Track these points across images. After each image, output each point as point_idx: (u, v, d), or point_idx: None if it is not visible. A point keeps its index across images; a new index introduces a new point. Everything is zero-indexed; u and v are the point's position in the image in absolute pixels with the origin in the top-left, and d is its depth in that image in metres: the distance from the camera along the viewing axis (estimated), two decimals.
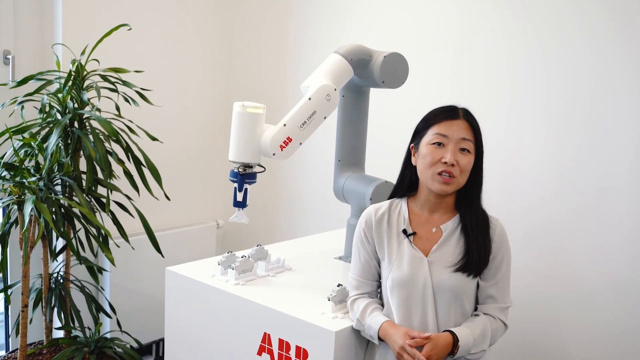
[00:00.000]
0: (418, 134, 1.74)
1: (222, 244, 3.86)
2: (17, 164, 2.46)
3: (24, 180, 2.40)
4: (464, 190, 1.73)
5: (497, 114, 2.74)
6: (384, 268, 1.76)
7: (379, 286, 1.82)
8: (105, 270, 2.84)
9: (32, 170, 2.47)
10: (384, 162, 3.05)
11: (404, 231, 1.74)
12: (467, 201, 1.73)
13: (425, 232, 1.74)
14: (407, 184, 1.80)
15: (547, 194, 2.62)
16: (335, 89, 2.06)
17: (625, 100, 2.42)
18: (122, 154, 2.77)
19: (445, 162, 1.64)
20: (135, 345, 2.89)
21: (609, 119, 2.46)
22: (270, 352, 1.84)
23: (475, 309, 1.75)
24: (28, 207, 2.25)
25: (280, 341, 1.81)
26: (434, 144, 1.68)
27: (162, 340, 3.43)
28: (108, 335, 3.04)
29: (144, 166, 2.65)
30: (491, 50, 2.75)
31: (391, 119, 3.07)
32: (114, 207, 2.68)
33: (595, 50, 2.48)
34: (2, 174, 2.45)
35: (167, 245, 3.31)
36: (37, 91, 2.51)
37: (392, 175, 2.52)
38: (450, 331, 1.64)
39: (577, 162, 2.54)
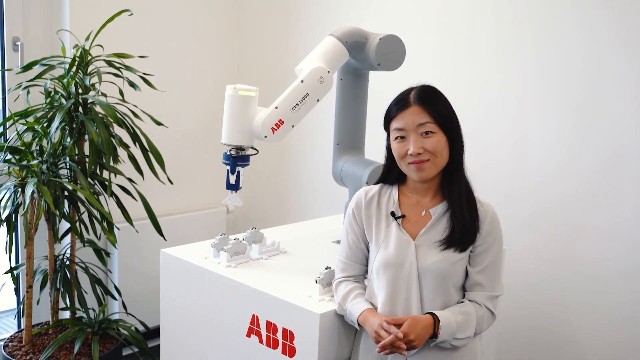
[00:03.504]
0: (386, 131, 1.74)
1: (232, 228, 3.88)
2: (22, 148, 2.50)
3: (28, 164, 2.44)
4: (445, 170, 1.69)
5: (502, 94, 2.72)
6: (371, 250, 1.75)
7: (366, 271, 1.80)
8: (107, 252, 2.87)
9: (35, 154, 2.51)
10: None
11: (392, 214, 1.72)
12: (449, 178, 1.69)
13: (414, 215, 1.71)
14: (395, 174, 1.77)
15: (552, 173, 2.60)
16: (328, 72, 2.04)
17: (627, 73, 2.38)
18: (127, 138, 2.80)
19: (412, 154, 1.63)
20: (140, 327, 2.93)
21: (611, 94, 2.43)
22: (259, 334, 1.85)
23: (463, 296, 1.72)
24: (29, 189, 2.29)
25: (268, 323, 1.82)
26: (396, 138, 1.67)
27: None
28: (115, 317, 3.08)
29: (148, 150, 2.68)
30: (495, 28, 2.72)
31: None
32: (118, 191, 2.71)
33: (590, 30, 2.44)
34: (8, 158, 2.50)
35: (177, 230, 3.34)
36: (39, 76, 2.55)
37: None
38: (431, 313, 1.62)
39: (581, 140, 2.51)
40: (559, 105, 2.56)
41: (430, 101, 1.64)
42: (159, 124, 2.77)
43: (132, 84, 2.70)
